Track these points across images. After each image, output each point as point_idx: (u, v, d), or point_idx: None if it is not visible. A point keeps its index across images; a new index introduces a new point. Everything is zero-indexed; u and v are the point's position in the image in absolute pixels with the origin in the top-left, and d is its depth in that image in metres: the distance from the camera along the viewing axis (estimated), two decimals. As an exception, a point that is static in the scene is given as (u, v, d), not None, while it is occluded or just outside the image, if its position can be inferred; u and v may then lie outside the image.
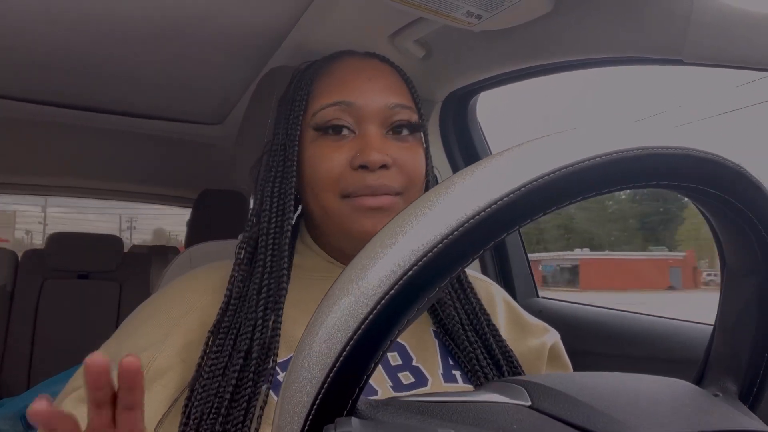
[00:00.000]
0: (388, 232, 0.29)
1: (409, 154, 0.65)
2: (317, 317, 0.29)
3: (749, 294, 0.37)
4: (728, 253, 0.38)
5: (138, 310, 0.66)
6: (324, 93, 0.66)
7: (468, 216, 0.27)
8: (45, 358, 1.93)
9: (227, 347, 0.58)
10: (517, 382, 0.34)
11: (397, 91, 0.67)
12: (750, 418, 0.35)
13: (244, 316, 0.60)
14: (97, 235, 2.25)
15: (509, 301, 0.76)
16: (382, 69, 0.69)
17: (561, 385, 0.33)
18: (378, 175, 0.62)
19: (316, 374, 0.28)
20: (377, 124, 0.65)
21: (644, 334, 0.97)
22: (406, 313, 0.28)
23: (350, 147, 0.64)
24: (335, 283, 0.29)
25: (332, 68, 0.69)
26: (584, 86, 38.48)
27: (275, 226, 0.64)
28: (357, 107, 0.64)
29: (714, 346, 0.41)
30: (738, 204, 0.33)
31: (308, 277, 0.67)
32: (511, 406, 0.31)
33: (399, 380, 0.60)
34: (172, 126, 1.74)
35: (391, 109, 0.65)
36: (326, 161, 0.63)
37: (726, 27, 0.63)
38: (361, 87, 0.65)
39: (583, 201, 0.30)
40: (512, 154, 0.29)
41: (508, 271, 1.26)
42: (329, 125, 0.64)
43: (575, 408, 0.31)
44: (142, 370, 0.56)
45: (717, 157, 0.31)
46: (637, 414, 0.31)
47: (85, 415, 0.55)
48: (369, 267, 0.28)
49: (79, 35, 1.09)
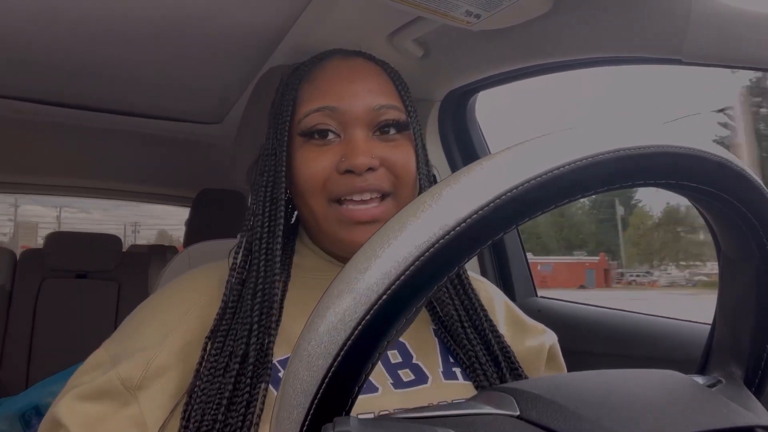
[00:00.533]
0: (385, 232, 0.29)
1: (397, 153, 0.65)
2: (315, 316, 0.29)
3: (746, 279, 0.38)
4: (722, 241, 0.38)
5: (137, 311, 0.66)
6: (308, 99, 0.66)
7: (464, 216, 0.27)
8: (43, 357, 1.93)
9: (225, 352, 0.59)
10: (506, 391, 0.34)
11: (383, 92, 0.66)
12: (749, 407, 0.35)
13: (239, 320, 0.60)
14: (96, 235, 2.24)
15: (508, 302, 0.77)
16: (366, 70, 0.68)
17: (550, 391, 0.33)
18: (364, 177, 0.62)
19: (314, 373, 0.28)
20: (363, 126, 0.64)
21: (643, 333, 0.97)
22: (404, 313, 0.28)
23: (336, 151, 0.64)
24: (333, 282, 0.29)
25: (316, 73, 0.69)
26: (584, 85, 38.57)
27: (267, 231, 0.64)
28: (341, 112, 0.64)
29: (716, 332, 0.41)
30: (723, 194, 0.33)
31: (308, 276, 0.67)
32: (500, 418, 0.32)
33: (399, 377, 0.61)
34: (171, 125, 1.74)
35: (377, 110, 0.65)
36: (312, 166, 0.64)
37: (725, 26, 0.63)
38: (344, 91, 0.65)
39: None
40: (510, 153, 0.30)
41: (506, 270, 1.26)
42: (314, 130, 0.65)
43: (561, 415, 0.31)
44: (141, 369, 0.57)
45: (696, 151, 0.31)
46: (624, 418, 0.31)
47: (86, 411, 0.55)
48: (367, 267, 0.28)
49: (78, 35, 1.09)
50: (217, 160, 1.82)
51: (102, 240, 2.20)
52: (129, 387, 0.57)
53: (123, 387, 0.57)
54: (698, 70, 0.72)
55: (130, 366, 0.57)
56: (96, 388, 0.56)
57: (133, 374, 0.57)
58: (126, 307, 2.06)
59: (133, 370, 0.57)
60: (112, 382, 0.57)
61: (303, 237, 0.72)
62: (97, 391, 0.56)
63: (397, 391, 0.59)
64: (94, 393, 0.56)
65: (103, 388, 0.56)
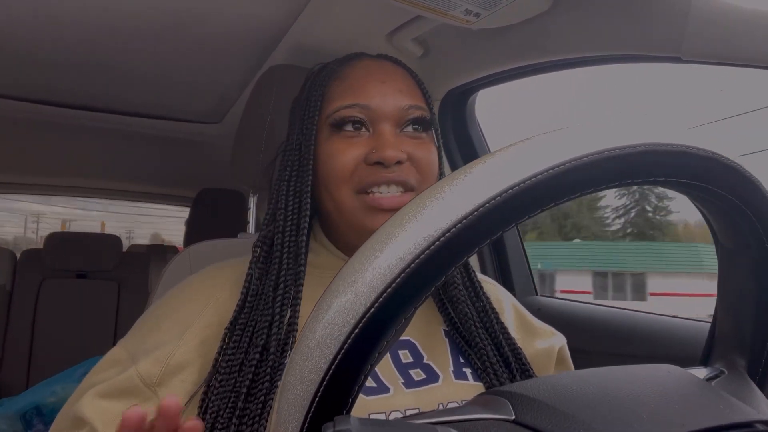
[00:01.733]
0: (385, 231, 0.29)
1: (422, 150, 0.67)
2: (316, 314, 0.29)
3: (745, 270, 0.38)
4: (719, 233, 0.39)
5: (155, 307, 0.67)
6: (339, 96, 0.68)
7: (470, 210, 0.28)
8: (44, 357, 1.93)
9: (243, 343, 0.59)
10: (501, 394, 0.34)
11: (410, 93, 0.68)
12: (749, 400, 0.35)
13: (260, 312, 0.61)
14: (96, 235, 2.24)
15: (516, 304, 0.77)
16: (394, 71, 0.70)
17: (544, 393, 0.33)
18: (392, 169, 0.64)
19: (314, 372, 0.28)
20: (392, 123, 0.66)
21: (643, 331, 0.97)
22: (403, 312, 0.28)
23: (365, 144, 0.65)
24: (333, 281, 0.29)
25: (346, 71, 0.70)
26: (584, 83, 38.57)
27: (291, 223, 0.66)
28: (372, 110, 0.66)
29: (717, 324, 0.41)
30: (716, 189, 0.33)
31: (322, 275, 0.68)
32: (496, 423, 0.32)
33: (410, 377, 0.61)
34: (171, 125, 1.74)
35: (405, 109, 0.67)
36: (341, 156, 0.65)
37: (724, 24, 0.63)
38: (375, 90, 0.67)
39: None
40: (508, 153, 0.30)
41: (506, 268, 1.26)
42: (348, 121, 0.66)
43: (556, 418, 0.31)
44: (160, 365, 0.58)
45: (688, 148, 0.31)
46: (618, 420, 0.31)
47: (108, 409, 0.56)
48: (367, 265, 0.28)
49: (78, 35, 1.09)
50: (217, 159, 1.82)
51: (102, 240, 2.20)
52: (149, 384, 0.58)
53: (143, 384, 0.58)
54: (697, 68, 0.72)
55: (149, 363, 0.58)
56: (116, 385, 0.57)
57: (152, 371, 0.58)
58: (126, 307, 2.06)
59: (152, 367, 0.58)
60: (132, 380, 0.58)
61: (317, 234, 0.72)
62: (118, 389, 0.57)
63: (408, 391, 0.60)
64: (115, 391, 0.57)
65: (123, 386, 0.57)
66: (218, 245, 0.91)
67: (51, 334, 1.96)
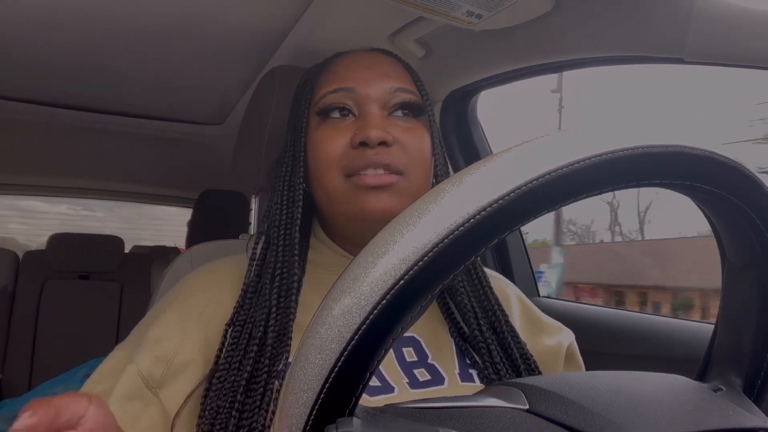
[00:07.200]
0: (389, 230, 0.29)
1: (411, 135, 0.65)
2: (320, 314, 0.29)
3: (750, 287, 0.37)
4: (727, 247, 0.38)
5: (157, 306, 0.67)
6: (327, 83, 0.68)
7: (471, 214, 0.27)
8: (46, 358, 1.93)
9: (243, 338, 0.60)
10: (515, 385, 0.34)
11: (397, 77, 0.68)
12: (751, 413, 0.35)
13: (258, 306, 0.61)
14: (98, 236, 2.24)
15: (524, 299, 0.76)
16: (382, 58, 0.70)
17: (558, 387, 0.33)
18: (377, 150, 0.62)
19: (317, 373, 0.28)
20: (378, 106, 0.66)
21: (646, 332, 0.97)
22: (408, 311, 0.28)
23: (351, 128, 0.65)
24: (338, 280, 0.29)
25: (335, 63, 0.71)
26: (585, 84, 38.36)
27: (285, 216, 0.66)
28: (356, 92, 0.66)
29: (716, 340, 0.41)
30: (733, 198, 0.33)
31: (322, 272, 0.68)
32: (509, 411, 0.32)
33: (415, 377, 0.60)
34: (173, 126, 1.74)
35: (392, 92, 0.66)
36: (328, 142, 0.65)
37: (727, 25, 0.62)
38: (360, 75, 0.67)
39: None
40: (506, 157, 0.29)
41: (509, 269, 1.26)
42: (332, 107, 0.66)
43: (572, 410, 0.31)
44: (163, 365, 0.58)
45: (710, 153, 0.31)
46: (634, 415, 0.31)
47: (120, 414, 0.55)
48: (372, 264, 0.28)
49: (79, 36, 1.09)
50: (219, 160, 1.82)
51: (104, 241, 2.20)
52: (151, 386, 0.58)
53: (145, 386, 0.58)
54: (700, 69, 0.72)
55: (149, 360, 0.58)
56: (121, 392, 0.57)
57: (153, 370, 0.58)
58: (128, 308, 2.06)
59: (154, 366, 0.58)
60: (134, 383, 0.58)
61: (317, 231, 0.72)
62: (125, 395, 0.57)
63: (413, 391, 0.59)
64: (123, 397, 0.57)
65: (127, 391, 0.57)
66: (220, 246, 0.91)
67: (53, 335, 1.96)
